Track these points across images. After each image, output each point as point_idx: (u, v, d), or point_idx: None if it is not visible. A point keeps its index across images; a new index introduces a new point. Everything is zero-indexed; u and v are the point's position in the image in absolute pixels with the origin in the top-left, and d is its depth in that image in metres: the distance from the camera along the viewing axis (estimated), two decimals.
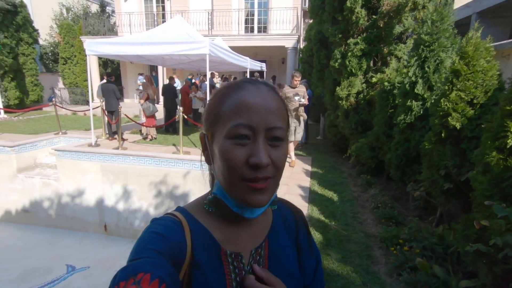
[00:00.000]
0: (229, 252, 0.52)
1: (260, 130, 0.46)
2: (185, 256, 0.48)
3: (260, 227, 0.58)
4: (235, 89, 0.49)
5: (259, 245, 0.56)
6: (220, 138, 0.47)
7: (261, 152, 0.45)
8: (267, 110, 0.47)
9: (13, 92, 11.11)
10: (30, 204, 6.21)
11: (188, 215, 0.53)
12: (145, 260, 0.42)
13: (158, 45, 5.48)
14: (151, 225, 0.49)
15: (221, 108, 0.48)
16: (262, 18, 13.21)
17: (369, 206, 3.86)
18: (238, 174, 0.46)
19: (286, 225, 0.62)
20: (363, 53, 4.83)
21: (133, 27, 13.23)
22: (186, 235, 0.49)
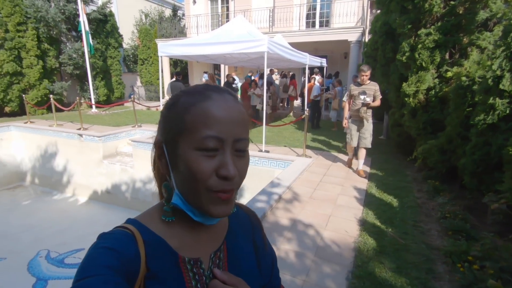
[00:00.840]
0: (187, 259, 0.51)
1: (229, 142, 0.46)
2: (139, 269, 0.46)
3: (217, 230, 0.58)
4: (201, 98, 0.48)
5: (217, 248, 0.56)
6: (187, 149, 0.46)
7: (230, 164, 0.45)
8: (234, 122, 0.47)
9: (102, 90, 12.97)
10: (111, 186, 7.22)
11: (141, 226, 0.50)
12: (95, 278, 0.39)
13: (220, 44, 5.77)
14: (100, 240, 0.46)
15: (186, 117, 0.47)
16: (325, 12, 12.77)
17: (435, 215, 3.48)
18: (205, 185, 0.46)
19: (242, 226, 0.63)
20: (436, 44, 4.32)
21: (199, 28, 14.13)
22: (139, 247, 0.47)
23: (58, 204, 7.31)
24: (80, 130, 7.51)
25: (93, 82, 11.99)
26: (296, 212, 3.38)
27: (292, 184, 4.13)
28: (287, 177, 4.33)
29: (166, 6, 21.67)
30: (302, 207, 3.52)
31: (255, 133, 8.14)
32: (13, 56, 9.73)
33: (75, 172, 7.61)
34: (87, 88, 12.07)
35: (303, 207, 3.53)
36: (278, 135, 7.80)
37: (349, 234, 2.97)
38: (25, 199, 7.53)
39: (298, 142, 7.00)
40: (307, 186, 4.17)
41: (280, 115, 11.06)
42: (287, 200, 3.68)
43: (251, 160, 5.60)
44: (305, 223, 3.15)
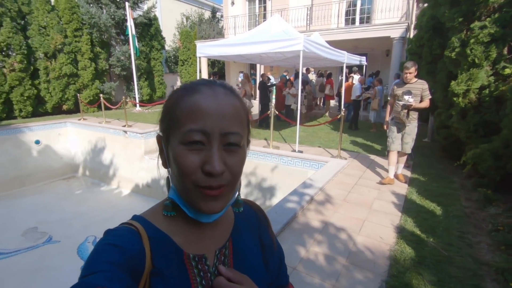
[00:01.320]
0: (192, 255, 0.50)
1: (215, 135, 0.45)
2: (144, 266, 0.46)
3: (222, 227, 0.57)
4: (190, 92, 0.47)
5: (222, 245, 0.55)
6: (175, 143, 0.46)
7: (215, 159, 0.44)
8: (222, 115, 0.45)
9: (145, 89, 13.80)
10: (151, 181, 7.65)
11: (146, 223, 0.50)
12: (100, 274, 0.40)
13: (256, 44, 5.81)
14: (105, 237, 0.46)
15: (175, 112, 0.47)
16: (366, 8, 12.22)
17: (485, 227, 3.15)
18: (192, 180, 0.45)
19: (248, 223, 0.62)
20: (492, 38, 3.91)
21: (237, 29, 14.37)
22: (144, 244, 0.47)
23: (104, 194, 7.94)
24: (125, 127, 8.07)
25: (138, 82, 12.81)
26: (328, 215, 3.28)
27: (325, 185, 4.02)
28: (320, 178, 4.23)
29: (206, 8, 22.39)
30: (335, 210, 3.41)
31: (289, 132, 8.07)
32: (71, 59, 10.74)
33: (120, 166, 8.20)
34: (132, 88, 12.93)
35: (335, 209, 3.42)
36: (312, 135, 7.65)
37: (384, 241, 2.81)
38: (77, 189, 8.30)
39: (333, 143, 6.80)
40: (341, 188, 4.03)
41: (315, 115, 10.84)
42: (319, 201, 3.59)
43: (284, 160, 5.58)
44: (337, 226, 3.05)
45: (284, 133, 8.05)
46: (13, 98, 9.60)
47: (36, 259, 4.83)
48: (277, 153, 5.65)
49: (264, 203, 5.84)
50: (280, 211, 3.13)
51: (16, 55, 9.41)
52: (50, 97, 10.54)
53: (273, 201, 5.67)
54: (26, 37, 9.88)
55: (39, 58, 10.15)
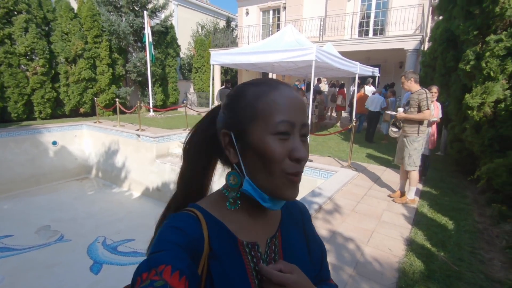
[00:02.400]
0: (245, 242, 0.54)
1: (297, 126, 0.50)
2: (203, 249, 0.49)
3: (271, 218, 0.61)
4: (270, 88, 0.52)
5: (273, 235, 0.59)
6: (261, 134, 0.49)
7: (301, 147, 0.49)
8: (301, 108, 0.51)
9: (159, 95, 14.12)
10: (162, 184, 7.76)
11: (203, 210, 0.54)
12: (166, 252, 0.44)
13: (268, 53, 5.91)
14: (169, 221, 0.51)
15: (259, 106, 0.50)
16: (379, 20, 12.25)
17: (499, 244, 3.07)
18: (281, 168, 0.48)
19: (293, 216, 0.66)
20: (508, 52, 3.87)
21: (251, 38, 14.61)
22: (203, 228, 0.51)
23: (116, 196, 8.09)
24: (138, 131, 8.26)
25: (152, 88, 13.14)
26: (336, 224, 3.27)
27: (334, 195, 4.01)
28: (329, 187, 4.21)
29: (221, 18, 22.89)
30: (343, 220, 3.39)
31: None
32: (90, 64, 11.15)
33: (132, 169, 8.36)
34: (147, 93, 13.26)
35: (344, 219, 3.40)
36: (322, 145, 7.63)
37: (393, 253, 2.77)
38: (90, 189, 8.50)
39: (343, 153, 6.76)
40: (350, 198, 4.01)
41: (326, 124, 10.82)
42: (328, 210, 3.58)
43: None
44: (345, 236, 3.03)
45: None
46: (34, 100, 10.00)
47: (48, 257, 4.95)
48: None
49: None
50: None
51: (39, 59, 9.85)
52: (68, 100, 10.93)
53: None
54: (49, 43, 10.34)
55: (60, 62, 10.58)
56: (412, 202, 3.91)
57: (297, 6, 13.60)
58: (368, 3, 12.50)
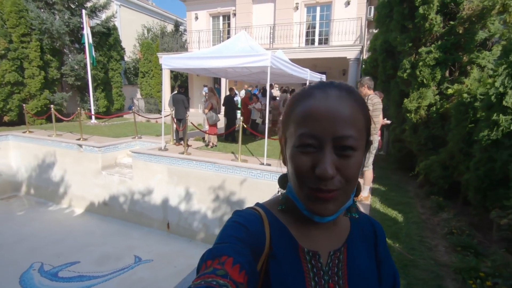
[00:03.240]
0: (306, 249, 0.53)
1: (326, 139, 0.45)
2: (264, 247, 0.50)
3: (337, 231, 0.57)
4: (305, 96, 0.50)
5: (338, 248, 0.55)
6: (290, 145, 0.49)
7: (325, 163, 0.44)
8: (334, 118, 0.45)
9: (102, 101, 13.00)
10: (109, 198, 7.10)
11: (267, 211, 0.55)
12: (229, 245, 0.45)
13: (224, 58, 5.86)
14: (234, 216, 0.53)
15: (291, 116, 0.50)
16: (324, 30, 13.13)
17: (440, 231, 3.45)
18: (304, 181, 0.47)
19: (363, 235, 0.60)
20: (437, 62, 4.43)
21: (201, 43, 14.40)
22: (265, 228, 0.52)
23: (53, 215, 7.14)
24: (80, 141, 7.46)
25: (94, 93, 12.03)
26: None
27: None
28: None
29: (169, 22, 22.16)
30: None
31: (255, 146, 8.14)
32: (15, 66, 9.77)
33: (72, 183, 7.49)
34: (87, 99, 12.09)
35: None
36: (278, 149, 7.74)
37: None
38: (19, 209, 7.36)
39: None
40: None
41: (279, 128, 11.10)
42: None
43: (252, 173, 5.58)
44: None
45: (251, 146, 8.10)
46: None
47: None
48: (246, 166, 5.64)
49: None
50: None
51: None
52: None
53: None
54: None
55: None
56: (365, 199, 4.20)
57: (247, 13, 13.84)
58: (313, 14, 13.31)
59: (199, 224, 6.17)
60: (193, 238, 6.22)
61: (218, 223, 5.91)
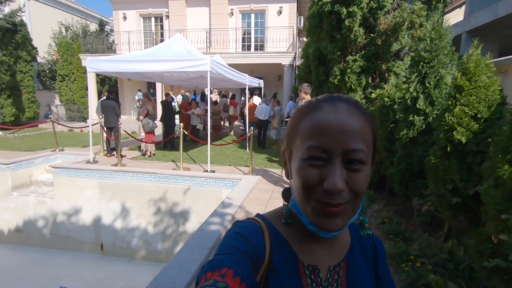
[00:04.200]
0: (306, 263, 0.52)
1: (336, 153, 0.44)
2: (264, 259, 0.49)
3: (338, 245, 0.56)
4: (313, 109, 0.48)
5: (337, 263, 0.55)
6: (297, 158, 0.48)
7: (335, 176, 0.43)
8: (344, 132, 0.44)
9: (9, 109, 11.03)
10: (23, 223, 6.02)
11: (268, 223, 0.55)
12: (229, 256, 0.45)
13: (160, 62, 5.54)
14: (234, 227, 0.53)
15: (298, 128, 0.49)
16: (259, 37, 13.55)
17: (374, 221, 3.81)
18: (311, 194, 0.46)
19: (364, 250, 0.60)
20: (362, 69, 4.94)
21: (131, 45, 13.42)
22: (265, 240, 0.51)
23: None
24: None
25: None
26: None
27: (243, 203, 4.07)
28: (237, 196, 4.25)
29: (91, 20, 20.08)
30: None
31: (196, 153, 7.90)
32: None
33: None
34: None
35: None
36: (220, 155, 7.71)
37: None
38: None
39: (241, 160, 7.02)
40: (258, 204, 4.16)
41: (220, 134, 11.02)
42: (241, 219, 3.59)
43: (196, 181, 5.38)
44: None
45: (192, 153, 7.82)
46: None
47: None
48: (189, 174, 5.40)
49: (177, 229, 5.42)
50: (203, 236, 2.96)
51: None
52: None
53: (187, 226, 5.33)
54: None
55: None
56: None
57: (181, 16, 13.43)
58: (248, 20, 13.63)
59: (139, 241, 5.67)
60: (132, 257, 5.68)
61: (161, 237, 5.52)
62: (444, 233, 3.05)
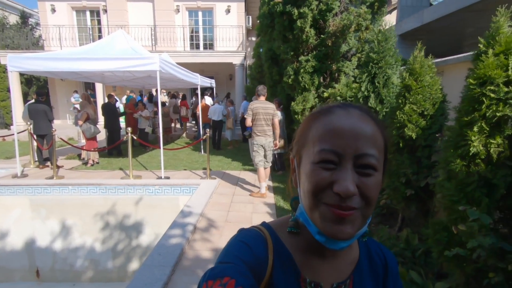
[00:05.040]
0: (308, 280, 0.50)
1: (348, 156, 0.43)
2: (265, 273, 0.48)
3: (344, 261, 0.53)
4: (325, 113, 0.48)
5: (342, 281, 0.52)
6: (307, 162, 0.46)
7: (346, 180, 0.42)
8: (356, 136, 0.44)
9: None
10: None
11: (273, 233, 0.53)
12: (232, 266, 0.44)
13: (101, 61, 4.99)
14: (239, 234, 0.52)
15: (309, 133, 0.48)
16: (208, 35, 13.21)
17: None
18: (320, 199, 0.44)
19: (372, 266, 0.57)
20: (314, 69, 5.08)
21: (63, 41, 11.99)
22: (269, 252, 0.49)
23: None
24: None
25: None
26: (215, 241, 3.14)
27: (204, 210, 3.86)
28: (197, 203, 4.02)
29: (11, 11, 17.44)
30: (220, 234, 3.31)
31: (147, 158, 7.36)
32: None
33: None
34: None
35: (220, 233, 3.32)
36: (174, 159, 7.30)
37: None
38: None
39: (197, 163, 6.74)
40: (220, 209, 3.99)
41: (172, 137, 10.47)
42: (203, 228, 3.39)
43: (150, 190, 4.99)
44: None
45: (142, 159, 7.27)
46: None
47: None
48: (140, 183, 4.97)
49: (130, 244, 4.95)
50: (164, 252, 2.70)
51: None
52: None
53: (142, 239, 4.91)
54: None
55: None
56: (262, 196, 4.41)
57: (121, 11, 12.42)
58: (195, 18, 13.19)
59: (85, 262, 5.05)
60: (77, 280, 5.04)
61: (111, 254, 4.99)
62: (398, 223, 3.27)
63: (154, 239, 4.70)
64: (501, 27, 1.86)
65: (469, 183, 1.88)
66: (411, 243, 2.77)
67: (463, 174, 1.90)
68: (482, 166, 1.84)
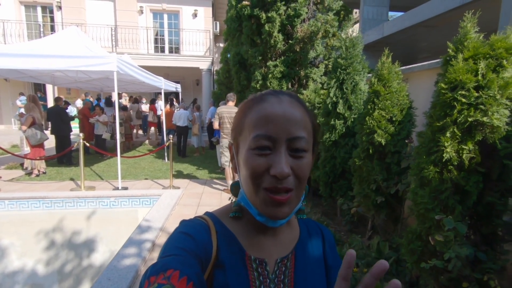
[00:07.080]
0: (253, 257, 0.52)
1: (281, 140, 0.46)
2: (211, 257, 0.48)
3: (286, 237, 0.57)
4: (258, 101, 0.50)
5: (285, 255, 0.55)
6: (244, 149, 0.48)
7: (281, 163, 0.44)
8: (288, 120, 0.46)
9: None
10: None
11: (216, 219, 0.54)
12: (174, 257, 0.43)
13: (49, 58, 4.46)
14: (180, 226, 0.52)
15: (244, 121, 0.50)
16: (174, 39, 12.78)
17: (313, 216, 3.81)
18: (259, 183, 0.46)
19: (312, 241, 0.61)
20: (282, 75, 5.01)
21: (8, 38, 10.84)
22: (212, 237, 0.50)
23: None
24: None
25: None
26: None
27: (165, 224, 3.51)
28: (157, 216, 3.66)
29: None
30: None
31: (103, 167, 6.76)
32: None
33: None
34: None
35: None
36: (134, 167, 6.79)
37: None
38: None
39: (160, 172, 6.31)
40: None
41: (134, 144, 9.82)
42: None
43: (104, 202, 4.50)
44: None
45: (98, 168, 6.65)
46: None
47: None
48: (93, 195, 4.46)
49: (80, 264, 4.40)
50: (114, 276, 2.33)
51: None
52: None
53: (94, 257, 4.38)
54: None
55: None
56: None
57: (78, 8, 11.57)
58: (160, 21, 12.71)
59: (25, 286, 4.38)
60: None
61: (57, 277, 4.39)
62: (368, 231, 3.21)
63: (109, 257, 4.21)
64: (468, 32, 1.85)
65: (443, 190, 1.82)
66: (382, 251, 2.70)
67: (436, 181, 1.84)
68: (455, 172, 1.79)
